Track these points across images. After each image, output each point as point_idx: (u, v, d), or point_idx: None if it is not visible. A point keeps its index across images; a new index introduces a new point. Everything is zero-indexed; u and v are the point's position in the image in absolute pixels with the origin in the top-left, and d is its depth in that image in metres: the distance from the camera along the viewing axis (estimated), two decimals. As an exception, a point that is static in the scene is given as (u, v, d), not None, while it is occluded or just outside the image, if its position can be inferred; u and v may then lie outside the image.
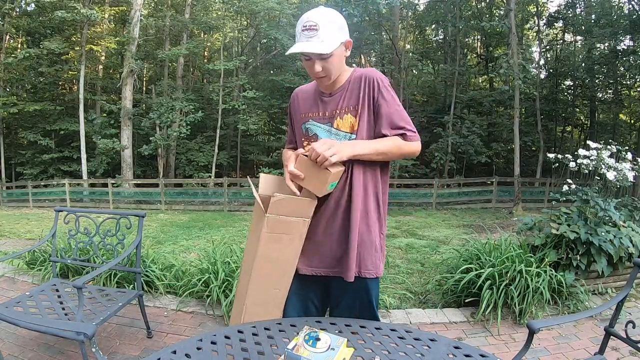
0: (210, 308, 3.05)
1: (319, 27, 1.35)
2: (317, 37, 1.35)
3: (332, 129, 1.48)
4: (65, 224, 2.68)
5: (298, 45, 1.36)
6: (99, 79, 19.84)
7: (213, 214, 11.91)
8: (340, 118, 1.47)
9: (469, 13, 19.74)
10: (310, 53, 1.37)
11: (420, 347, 1.23)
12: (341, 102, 1.48)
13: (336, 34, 1.38)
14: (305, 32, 1.36)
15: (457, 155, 17.70)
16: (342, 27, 1.40)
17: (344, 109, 1.47)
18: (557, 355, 2.49)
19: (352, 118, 1.46)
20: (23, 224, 9.46)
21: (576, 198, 3.40)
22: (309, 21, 1.36)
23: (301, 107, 1.58)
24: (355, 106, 1.46)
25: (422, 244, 6.35)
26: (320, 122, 1.51)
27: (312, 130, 1.52)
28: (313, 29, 1.35)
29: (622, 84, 18.30)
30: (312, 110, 1.54)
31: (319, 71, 1.41)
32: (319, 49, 1.35)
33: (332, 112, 1.49)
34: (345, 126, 1.46)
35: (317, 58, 1.39)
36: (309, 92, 1.59)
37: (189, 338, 1.29)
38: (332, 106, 1.50)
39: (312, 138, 1.52)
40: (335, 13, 1.40)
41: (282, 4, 16.99)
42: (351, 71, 1.52)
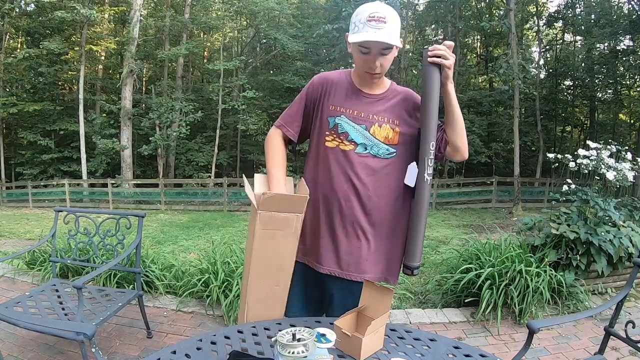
0: (210, 308, 3.05)
1: (387, 20, 1.28)
2: (384, 30, 1.28)
3: (367, 132, 1.41)
4: (65, 224, 2.68)
5: (367, 35, 1.27)
6: (99, 79, 19.85)
7: (213, 214, 11.91)
8: (378, 126, 1.41)
9: (469, 13, 19.75)
10: (379, 44, 1.29)
11: (420, 347, 1.23)
12: (381, 110, 1.43)
13: (398, 33, 1.33)
14: (372, 23, 1.27)
15: (457, 155, 17.68)
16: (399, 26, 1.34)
17: (383, 119, 1.42)
18: (557, 355, 2.49)
19: (389, 130, 1.42)
20: (23, 224, 9.46)
21: (576, 198, 3.40)
22: (378, 12, 1.28)
23: (333, 97, 1.44)
24: (397, 121, 1.43)
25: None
26: (355, 121, 1.41)
27: (344, 127, 1.41)
28: (382, 21, 1.27)
29: (621, 84, 18.31)
30: (346, 105, 1.43)
31: (378, 67, 1.35)
32: (395, 41, 1.29)
33: (369, 116, 1.42)
34: (381, 136, 1.41)
35: (382, 52, 1.32)
36: (342, 83, 1.46)
37: (189, 338, 1.29)
38: (370, 109, 1.42)
39: (343, 135, 1.41)
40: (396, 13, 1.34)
41: (282, 4, 17.00)
42: (390, 82, 1.49)
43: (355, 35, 1.30)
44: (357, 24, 1.31)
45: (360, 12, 1.31)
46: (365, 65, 1.36)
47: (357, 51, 1.34)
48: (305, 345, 1.05)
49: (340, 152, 1.41)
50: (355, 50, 1.35)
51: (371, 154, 1.41)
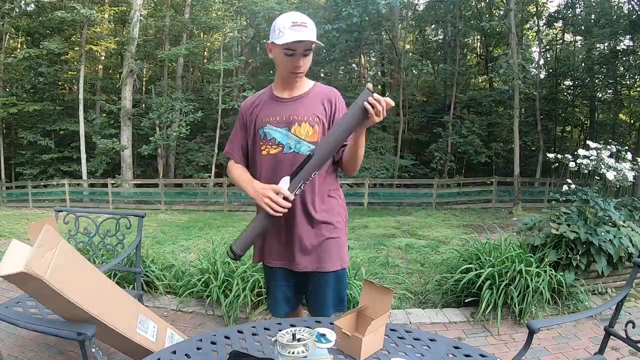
0: (210, 308, 3.05)
1: (307, 26, 1.44)
2: (306, 33, 1.44)
3: (289, 133, 1.55)
4: (65, 224, 2.68)
5: (296, 35, 1.41)
6: (99, 79, 19.83)
7: (213, 214, 11.91)
8: (297, 125, 1.55)
9: (469, 13, 19.75)
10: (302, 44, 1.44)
11: (420, 347, 1.23)
12: (300, 109, 1.56)
13: (315, 36, 1.48)
14: (296, 27, 1.42)
15: (456, 155, 17.70)
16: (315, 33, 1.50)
17: (302, 117, 1.55)
18: (557, 355, 2.49)
19: (309, 127, 1.55)
20: (23, 224, 9.46)
21: (576, 198, 3.40)
22: (300, 19, 1.44)
23: (258, 113, 1.61)
24: (315, 118, 1.55)
25: (422, 244, 6.35)
26: (277, 126, 1.56)
27: (270, 134, 1.57)
28: (303, 26, 1.43)
29: (621, 84, 18.30)
30: (269, 114, 1.58)
31: (301, 66, 1.50)
32: (316, 40, 1.45)
33: (290, 118, 1.55)
34: (302, 133, 1.55)
35: (304, 52, 1.47)
36: (263, 98, 1.64)
37: (189, 338, 1.29)
38: (290, 111, 1.56)
39: (271, 141, 1.56)
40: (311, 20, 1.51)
41: (282, 4, 16.97)
42: (313, 83, 1.63)
43: (282, 39, 1.43)
44: (282, 30, 1.45)
45: (284, 19, 1.46)
46: (290, 66, 1.50)
47: (282, 54, 1.48)
48: (305, 345, 1.05)
49: (271, 156, 1.57)
50: (280, 54, 1.49)
51: (294, 151, 1.54)
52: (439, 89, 21.93)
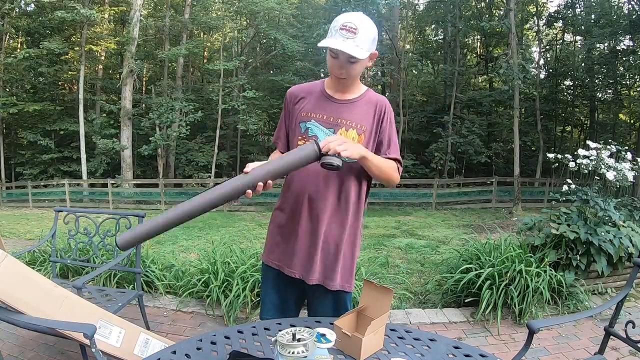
0: (210, 308, 3.05)
1: (358, 32, 1.34)
2: (353, 41, 1.34)
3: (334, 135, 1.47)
4: (65, 224, 2.68)
5: (334, 42, 1.34)
6: (99, 79, 19.83)
7: (213, 214, 11.90)
8: (344, 129, 1.47)
9: (469, 13, 19.74)
10: (343, 53, 1.35)
11: (420, 347, 1.23)
12: (350, 114, 1.49)
13: (369, 45, 1.39)
14: (342, 32, 1.34)
15: (456, 155, 17.70)
16: (375, 39, 1.42)
17: (351, 123, 1.47)
18: (557, 355, 2.49)
19: (355, 135, 1.47)
20: (23, 224, 9.46)
21: (576, 198, 3.40)
22: (350, 22, 1.34)
23: (304, 105, 1.53)
24: (363, 127, 1.48)
25: (422, 244, 6.35)
26: (324, 125, 1.49)
27: (313, 130, 1.49)
28: (352, 31, 1.34)
29: (621, 84, 18.29)
30: (317, 110, 1.50)
31: (343, 72, 1.42)
32: (354, 52, 1.34)
33: (338, 120, 1.48)
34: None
35: (348, 60, 1.38)
36: (314, 91, 1.55)
37: (189, 338, 1.29)
38: (339, 114, 1.48)
39: (312, 138, 1.46)
40: (373, 24, 1.41)
41: (282, 4, 16.98)
42: (365, 89, 1.55)
43: (324, 40, 1.36)
44: (332, 30, 1.37)
45: (337, 20, 1.38)
46: (333, 69, 1.44)
47: (329, 55, 1.41)
48: (305, 345, 1.05)
49: None
50: (328, 54, 1.42)
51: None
52: (439, 89, 21.92)
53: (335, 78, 1.48)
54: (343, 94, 1.51)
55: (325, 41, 1.35)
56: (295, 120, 1.53)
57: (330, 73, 1.47)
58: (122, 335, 1.82)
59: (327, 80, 1.57)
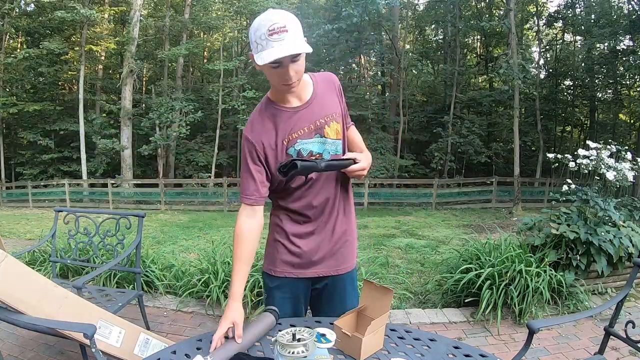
0: (210, 308, 3.05)
1: (288, 29, 1.21)
2: (289, 39, 1.21)
3: (322, 138, 1.42)
4: (65, 224, 2.68)
5: (276, 51, 1.20)
6: (99, 79, 19.84)
7: (213, 214, 11.91)
8: (328, 126, 1.42)
9: (469, 13, 19.76)
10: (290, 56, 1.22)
11: (420, 347, 1.23)
12: (321, 109, 1.42)
13: (301, 35, 1.26)
14: (273, 37, 1.20)
15: (456, 155, 17.71)
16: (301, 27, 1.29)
17: (329, 116, 1.42)
18: (557, 355, 2.49)
19: (337, 125, 1.45)
20: (23, 224, 9.46)
21: (576, 198, 3.40)
22: (276, 23, 1.20)
23: (276, 134, 1.38)
24: (337, 112, 1.45)
25: (422, 244, 6.35)
26: (309, 137, 1.40)
27: (306, 149, 1.40)
28: (283, 31, 1.20)
29: (621, 84, 18.31)
30: (295, 129, 1.38)
31: (293, 76, 1.27)
32: (302, 48, 1.22)
33: (317, 123, 1.40)
34: (333, 133, 1.44)
35: (292, 60, 1.24)
36: (270, 115, 1.39)
37: (189, 338, 1.29)
38: (314, 117, 1.40)
39: (308, 156, 1.41)
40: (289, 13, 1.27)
41: (281, 4, 16.98)
42: (308, 76, 1.45)
43: (260, 56, 1.21)
44: (259, 42, 1.22)
45: (258, 28, 1.22)
46: (281, 79, 1.29)
47: (268, 68, 1.26)
48: (305, 345, 1.05)
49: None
50: (266, 68, 1.26)
51: (333, 154, 1.46)
52: (439, 89, 21.93)
53: (283, 89, 1.33)
54: (300, 96, 1.41)
55: (263, 55, 1.21)
56: (276, 156, 1.39)
57: (280, 86, 1.31)
58: (122, 335, 1.82)
59: (273, 97, 1.42)
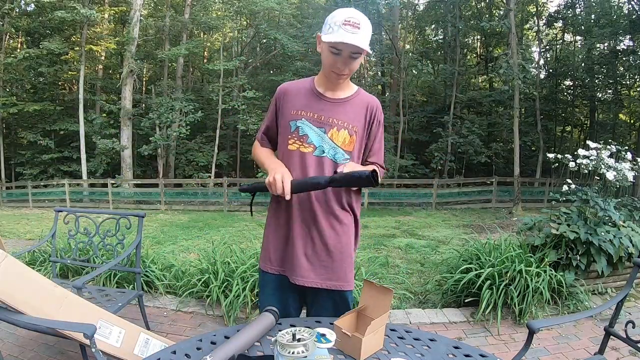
0: (210, 308, 3.05)
1: (361, 27, 1.34)
2: (358, 35, 1.33)
3: (325, 136, 1.46)
4: (65, 224, 2.68)
5: (346, 36, 1.32)
6: (99, 79, 19.84)
7: (213, 214, 11.91)
8: (336, 129, 1.46)
9: (469, 13, 19.76)
10: (348, 47, 1.34)
11: (420, 347, 1.23)
12: (341, 114, 1.47)
13: (369, 39, 1.38)
14: (347, 27, 1.32)
15: (456, 155, 17.71)
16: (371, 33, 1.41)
17: (342, 123, 1.46)
18: (557, 355, 2.49)
19: (347, 136, 1.47)
20: (23, 224, 9.46)
21: (576, 198, 3.40)
22: (354, 18, 1.34)
23: (294, 102, 1.50)
24: (355, 127, 1.48)
25: (422, 244, 6.35)
26: (314, 124, 1.46)
27: (304, 130, 1.47)
28: (356, 27, 1.33)
29: (621, 84, 18.31)
30: (307, 109, 1.48)
31: (345, 68, 1.40)
32: (365, 46, 1.34)
33: (329, 120, 1.46)
34: (339, 140, 1.46)
35: (351, 55, 1.37)
36: (303, 88, 1.52)
37: (189, 338, 1.29)
38: (330, 113, 1.47)
39: (303, 138, 1.47)
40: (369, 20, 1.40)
41: (282, 4, 17.00)
42: (357, 88, 1.54)
43: (329, 36, 1.34)
44: (332, 26, 1.35)
45: (336, 15, 1.35)
46: (333, 65, 1.40)
47: (328, 51, 1.39)
48: (305, 345, 1.05)
49: (300, 154, 1.46)
50: (326, 50, 1.39)
51: (328, 157, 1.46)
52: (439, 89, 21.93)
53: (331, 75, 1.44)
54: (334, 92, 1.49)
55: (332, 36, 1.33)
56: (285, 118, 1.50)
57: (329, 70, 1.43)
58: (122, 335, 1.82)
59: (317, 78, 1.54)
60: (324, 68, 1.47)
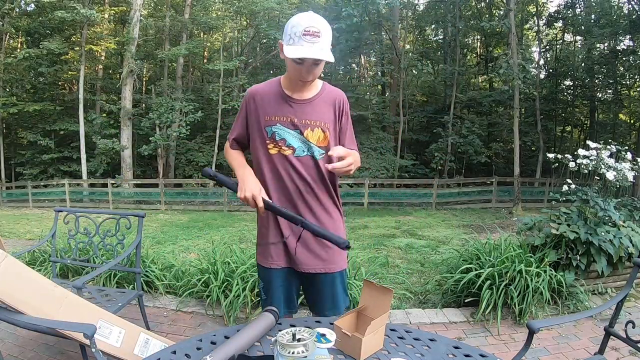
0: (210, 308, 3.05)
1: (321, 35, 1.37)
2: (319, 44, 1.36)
3: (302, 136, 1.52)
4: (65, 224, 2.68)
5: (304, 50, 1.35)
6: (99, 79, 19.84)
7: (213, 214, 11.91)
8: (310, 129, 1.51)
9: (469, 13, 19.77)
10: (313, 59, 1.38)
11: (420, 347, 1.23)
12: (312, 114, 1.52)
13: (330, 45, 1.41)
14: (307, 37, 1.35)
15: (456, 155, 17.72)
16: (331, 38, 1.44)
17: (315, 122, 1.52)
18: (557, 355, 2.49)
19: (321, 133, 1.53)
20: (23, 224, 9.47)
21: (576, 198, 3.40)
22: (313, 27, 1.36)
23: (265, 108, 1.54)
24: (327, 124, 1.53)
25: (422, 244, 6.35)
26: (289, 127, 1.52)
27: (280, 134, 1.52)
28: (316, 36, 1.36)
29: (621, 84, 18.32)
30: (279, 114, 1.52)
31: (309, 76, 1.45)
32: (327, 57, 1.38)
33: (302, 121, 1.51)
34: (314, 138, 1.52)
35: (314, 62, 1.41)
36: (272, 93, 1.55)
37: (189, 338, 1.29)
38: (301, 115, 1.51)
39: (281, 142, 1.52)
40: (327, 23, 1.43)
41: (282, 4, 16.99)
42: (321, 84, 1.58)
43: (291, 49, 1.36)
44: (293, 37, 1.37)
45: (296, 24, 1.37)
46: (298, 75, 1.45)
47: (291, 61, 1.42)
48: (305, 345, 1.05)
49: (282, 156, 1.52)
50: (289, 60, 1.42)
51: (309, 155, 1.53)
52: (439, 89, 21.93)
53: (299, 82, 1.49)
54: (302, 93, 1.53)
55: (293, 50, 1.36)
56: (259, 124, 1.54)
57: (292, 78, 1.48)
58: (122, 335, 1.82)
59: (283, 79, 1.56)
60: (290, 76, 1.51)
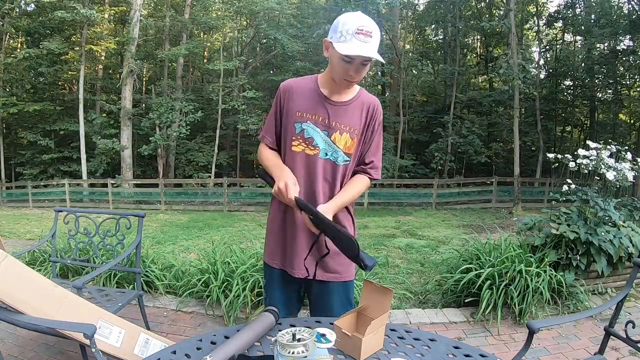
0: (210, 308, 3.05)
1: (373, 36, 1.35)
2: (370, 44, 1.35)
3: (329, 139, 1.48)
4: (65, 224, 2.68)
5: (358, 48, 1.33)
6: (99, 79, 19.84)
7: (213, 214, 11.91)
8: (339, 133, 1.48)
9: (469, 13, 19.77)
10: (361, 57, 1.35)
11: (420, 347, 1.23)
12: (344, 117, 1.49)
13: (378, 46, 1.39)
14: (360, 36, 1.33)
15: (456, 155, 17.72)
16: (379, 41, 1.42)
17: (345, 127, 1.49)
18: (557, 355, 2.49)
19: (349, 139, 1.49)
20: (23, 224, 9.47)
21: (576, 198, 3.40)
22: (366, 27, 1.34)
23: (299, 103, 1.50)
24: (356, 130, 1.50)
25: (422, 244, 6.35)
26: (320, 127, 1.48)
27: (309, 133, 1.48)
28: (369, 35, 1.34)
29: (621, 84, 18.31)
30: (312, 111, 1.48)
31: (356, 76, 1.41)
32: (377, 56, 1.35)
33: (333, 123, 1.48)
34: (341, 143, 1.49)
35: (362, 62, 1.38)
36: (308, 89, 1.51)
37: (189, 338, 1.29)
38: (334, 117, 1.48)
39: (308, 140, 1.48)
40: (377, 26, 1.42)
41: (282, 4, 17.00)
42: (358, 89, 1.55)
43: (342, 46, 1.33)
44: (344, 34, 1.34)
45: (348, 22, 1.34)
46: (345, 74, 1.40)
47: (339, 59, 1.38)
48: (305, 345, 1.05)
49: (306, 156, 1.49)
50: (336, 57, 1.38)
51: (331, 159, 1.49)
52: (439, 89, 21.94)
53: (341, 81, 1.44)
54: (339, 95, 1.50)
55: (345, 47, 1.33)
56: (289, 119, 1.50)
57: (340, 78, 1.43)
58: (122, 335, 1.82)
59: (320, 78, 1.53)
60: (334, 75, 1.45)
